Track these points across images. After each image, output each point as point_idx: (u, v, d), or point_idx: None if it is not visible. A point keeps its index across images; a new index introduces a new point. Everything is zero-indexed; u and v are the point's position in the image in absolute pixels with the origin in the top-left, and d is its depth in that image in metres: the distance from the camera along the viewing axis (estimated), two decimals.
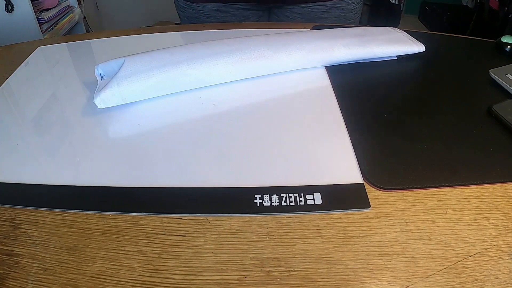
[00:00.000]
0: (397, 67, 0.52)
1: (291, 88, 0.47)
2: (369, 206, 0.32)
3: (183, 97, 0.45)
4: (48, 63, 0.57)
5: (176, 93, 0.46)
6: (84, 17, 1.77)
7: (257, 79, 0.48)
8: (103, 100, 0.42)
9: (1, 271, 0.28)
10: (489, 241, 0.29)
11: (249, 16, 0.77)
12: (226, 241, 0.30)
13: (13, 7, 1.25)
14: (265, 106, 0.44)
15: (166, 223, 0.31)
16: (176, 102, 0.45)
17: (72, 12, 1.62)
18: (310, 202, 0.32)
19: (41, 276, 0.28)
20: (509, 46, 0.53)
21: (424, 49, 0.53)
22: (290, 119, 0.42)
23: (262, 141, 0.39)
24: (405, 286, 0.27)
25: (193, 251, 0.29)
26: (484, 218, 0.31)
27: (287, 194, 0.33)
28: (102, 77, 0.45)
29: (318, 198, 0.32)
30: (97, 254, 0.29)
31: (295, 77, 0.49)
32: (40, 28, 1.34)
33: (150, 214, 0.32)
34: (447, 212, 0.32)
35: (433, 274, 0.27)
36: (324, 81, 0.48)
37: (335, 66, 0.51)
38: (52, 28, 1.44)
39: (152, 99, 0.45)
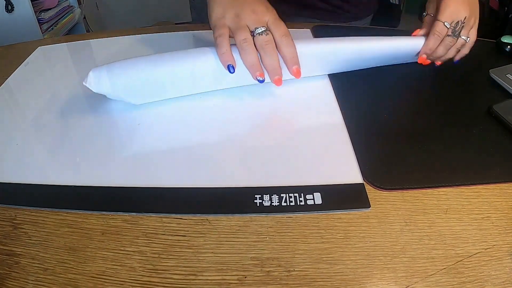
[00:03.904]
0: (398, 67, 0.52)
1: (291, 89, 0.47)
2: (369, 206, 0.32)
3: (183, 97, 0.45)
4: (48, 63, 0.57)
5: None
6: (84, 17, 1.77)
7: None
8: (93, 78, 0.40)
9: (1, 271, 0.28)
10: (489, 241, 0.29)
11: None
12: (226, 241, 0.30)
13: (13, 7, 1.25)
14: (265, 106, 0.44)
15: (166, 223, 0.31)
16: (176, 102, 0.45)
17: (72, 12, 1.62)
18: (310, 202, 0.32)
19: (41, 276, 0.28)
20: (509, 46, 0.53)
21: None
22: (290, 119, 0.42)
23: (262, 141, 0.39)
24: (405, 286, 0.27)
25: (193, 251, 0.29)
26: (484, 218, 0.31)
27: (287, 194, 0.33)
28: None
29: (318, 198, 0.32)
30: (97, 254, 0.29)
31: None
32: (40, 28, 1.34)
33: (150, 214, 0.32)
34: (447, 212, 0.32)
35: (433, 274, 0.27)
36: (324, 82, 0.48)
37: None
38: (52, 28, 1.44)
39: None
